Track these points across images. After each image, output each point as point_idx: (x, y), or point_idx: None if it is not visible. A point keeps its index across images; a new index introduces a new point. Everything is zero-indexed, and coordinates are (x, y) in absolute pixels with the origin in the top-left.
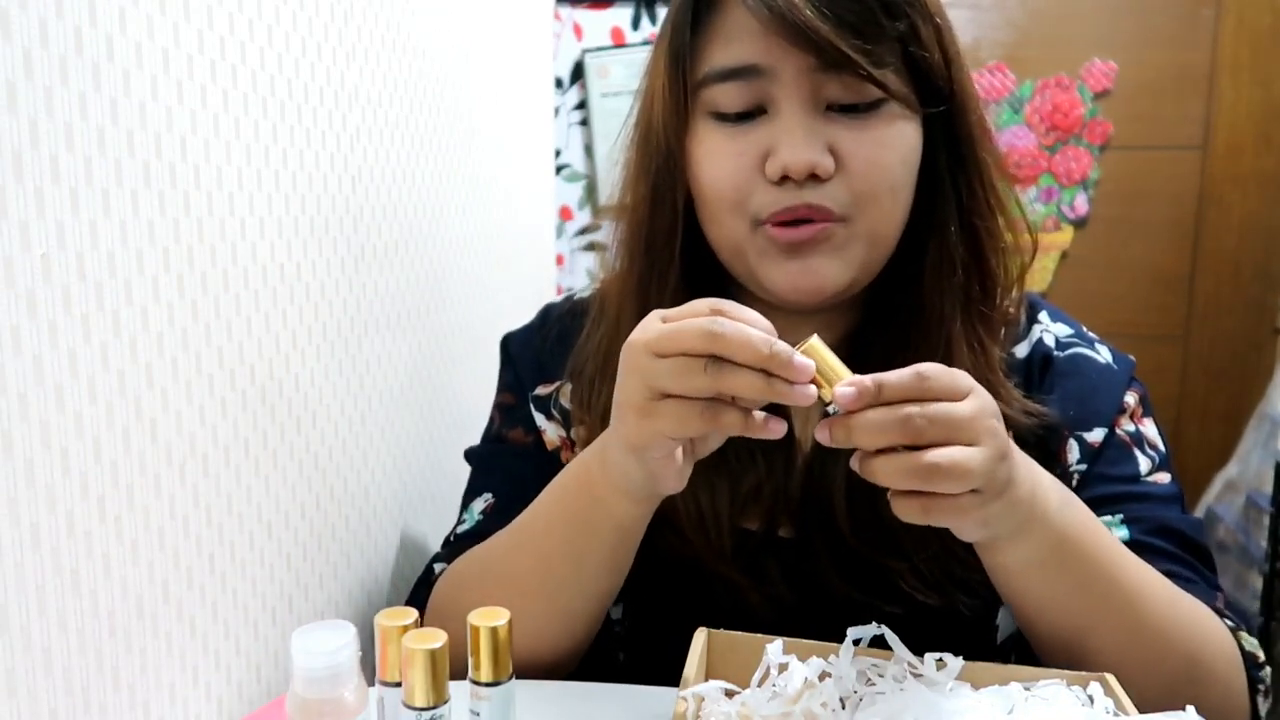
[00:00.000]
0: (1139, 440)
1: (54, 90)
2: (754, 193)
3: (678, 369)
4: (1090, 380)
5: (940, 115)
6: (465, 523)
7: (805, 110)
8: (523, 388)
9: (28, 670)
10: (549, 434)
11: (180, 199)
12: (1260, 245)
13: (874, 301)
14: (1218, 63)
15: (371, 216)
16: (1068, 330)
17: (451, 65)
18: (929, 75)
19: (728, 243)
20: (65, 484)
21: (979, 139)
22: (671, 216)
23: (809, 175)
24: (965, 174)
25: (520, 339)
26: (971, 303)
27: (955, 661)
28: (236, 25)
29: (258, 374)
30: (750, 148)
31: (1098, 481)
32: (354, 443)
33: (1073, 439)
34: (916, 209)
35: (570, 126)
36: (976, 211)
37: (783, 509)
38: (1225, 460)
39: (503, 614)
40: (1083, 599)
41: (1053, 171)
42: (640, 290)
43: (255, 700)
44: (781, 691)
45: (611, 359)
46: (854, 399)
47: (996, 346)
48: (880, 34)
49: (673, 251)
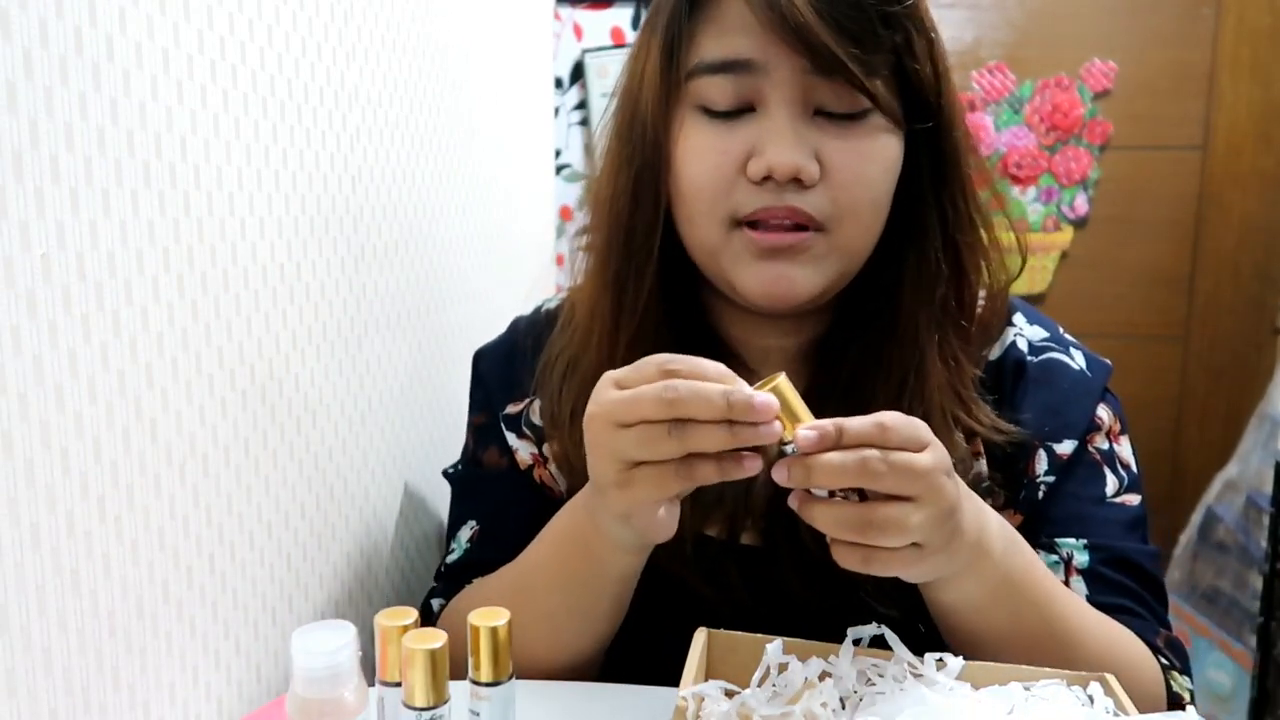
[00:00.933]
0: (1111, 459)
1: (54, 90)
2: (734, 191)
3: (643, 439)
4: (1062, 390)
5: (925, 129)
6: (454, 552)
7: (794, 113)
8: (493, 407)
9: (28, 670)
10: (521, 453)
11: (180, 199)
12: (1260, 245)
13: (845, 307)
14: (1218, 62)
15: (371, 216)
16: (1043, 334)
17: (451, 65)
18: (919, 88)
19: (702, 243)
20: (65, 484)
21: (963, 154)
22: (653, 211)
23: (792, 179)
24: (948, 188)
25: (489, 356)
26: (948, 316)
27: (955, 661)
28: (236, 25)
29: (258, 374)
30: (735, 145)
31: (1064, 499)
32: (354, 443)
33: (1042, 449)
34: (895, 220)
35: (570, 126)
36: (958, 225)
37: (744, 517)
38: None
39: (503, 614)
40: (1017, 637)
41: (1053, 171)
42: (616, 288)
43: (255, 700)
44: (781, 691)
45: (579, 363)
46: (814, 442)
47: (972, 363)
48: (876, 43)
49: (651, 247)
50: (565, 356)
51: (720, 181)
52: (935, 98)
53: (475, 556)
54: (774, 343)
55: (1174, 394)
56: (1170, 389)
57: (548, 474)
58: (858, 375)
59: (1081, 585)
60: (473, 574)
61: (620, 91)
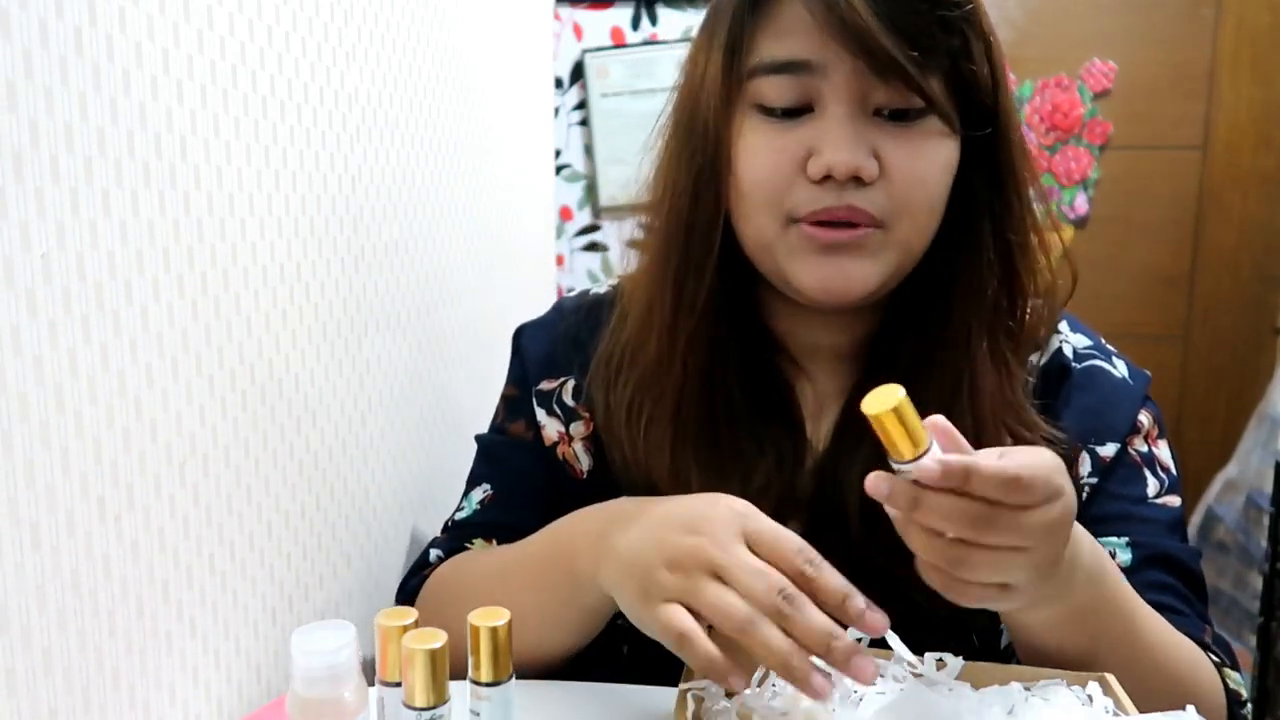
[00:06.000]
0: (1150, 461)
1: (54, 90)
2: (792, 190)
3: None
4: (1105, 394)
5: (982, 134)
6: (464, 510)
7: (852, 112)
8: (527, 382)
9: (28, 670)
10: (548, 430)
11: (180, 199)
12: (1260, 245)
13: (895, 306)
14: (1217, 62)
15: (371, 216)
16: (1086, 342)
17: (452, 65)
18: (975, 92)
19: (757, 238)
20: (65, 484)
21: (1019, 159)
22: (714, 208)
23: (851, 177)
24: (1003, 192)
25: (531, 333)
26: (999, 320)
27: (955, 661)
28: (236, 25)
29: (258, 374)
30: (793, 144)
31: (1106, 498)
32: (354, 443)
33: (1085, 452)
34: (949, 222)
35: (570, 126)
36: (1011, 227)
37: (791, 507)
38: (1225, 460)
39: (503, 614)
40: (1093, 657)
41: (1053, 171)
42: (676, 283)
43: (255, 700)
44: (781, 691)
45: (636, 356)
46: (937, 477)
47: (1023, 368)
48: (933, 46)
49: (711, 244)
50: (620, 352)
51: (779, 180)
52: (992, 101)
53: (481, 518)
54: (825, 339)
55: (1174, 394)
56: (1170, 389)
57: (570, 452)
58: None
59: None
60: (475, 534)
61: (679, 92)
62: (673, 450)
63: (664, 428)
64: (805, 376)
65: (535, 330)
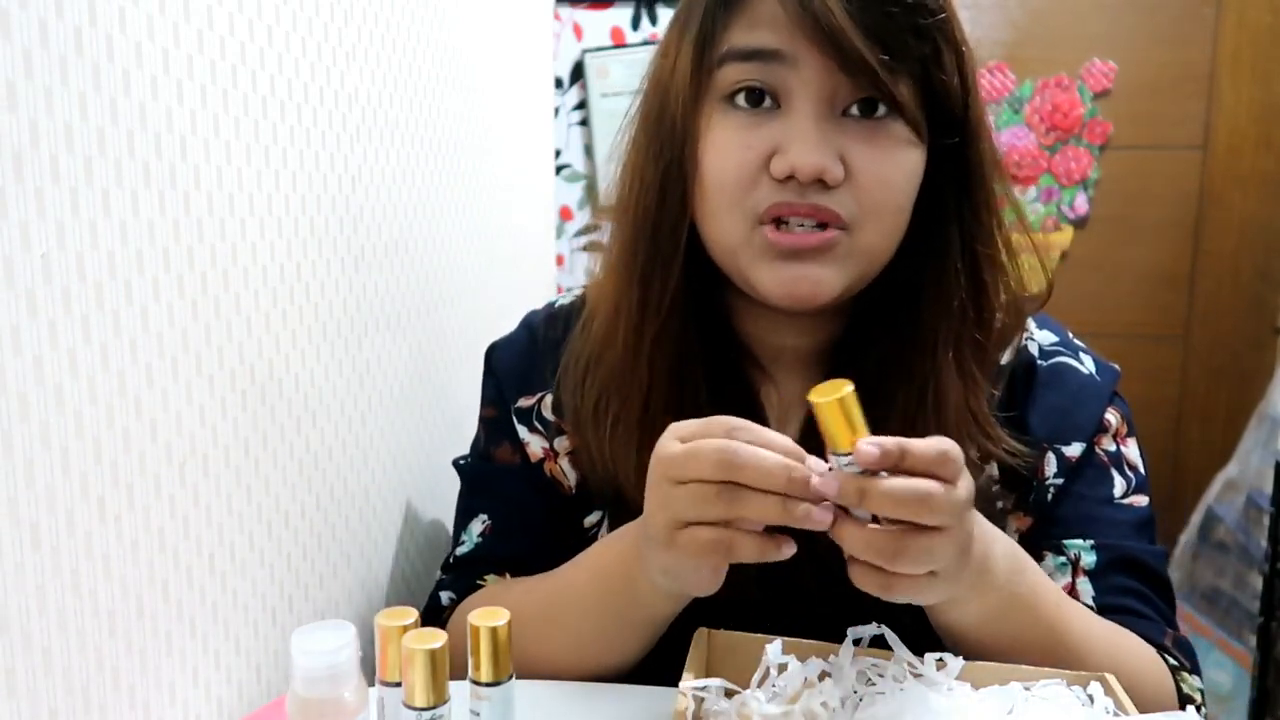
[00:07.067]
0: (1118, 461)
1: (54, 90)
2: (757, 188)
3: (694, 497)
4: (1072, 393)
5: (950, 143)
6: (465, 545)
7: (820, 112)
8: (505, 401)
9: (28, 670)
10: (532, 447)
11: (180, 199)
12: (1260, 245)
13: (862, 311)
14: (1218, 62)
15: (371, 217)
16: (1053, 339)
17: (452, 65)
18: (945, 100)
19: (722, 240)
20: (65, 484)
21: (989, 171)
22: (680, 205)
23: (815, 180)
24: (972, 203)
25: (503, 350)
26: (965, 328)
27: (955, 661)
28: (236, 25)
29: (258, 374)
30: (759, 141)
31: (1072, 500)
32: (354, 443)
33: (1051, 452)
34: (916, 228)
35: (570, 126)
36: (982, 240)
37: None
38: (1225, 460)
39: (502, 614)
40: (1019, 653)
41: (1053, 171)
42: (642, 282)
43: (255, 700)
44: (781, 691)
45: (601, 358)
46: (875, 459)
47: (987, 381)
48: (905, 51)
49: (678, 242)
50: (587, 352)
51: (744, 177)
52: (962, 111)
53: (486, 551)
54: (790, 342)
55: (1174, 394)
56: (1170, 389)
57: (558, 469)
58: (877, 381)
59: (1089, 586)
60: (483, 569)
61: (648, 86)
62: (639, 450)
63: (630, 428)
64: (771, 382)
65: (507, 347)
